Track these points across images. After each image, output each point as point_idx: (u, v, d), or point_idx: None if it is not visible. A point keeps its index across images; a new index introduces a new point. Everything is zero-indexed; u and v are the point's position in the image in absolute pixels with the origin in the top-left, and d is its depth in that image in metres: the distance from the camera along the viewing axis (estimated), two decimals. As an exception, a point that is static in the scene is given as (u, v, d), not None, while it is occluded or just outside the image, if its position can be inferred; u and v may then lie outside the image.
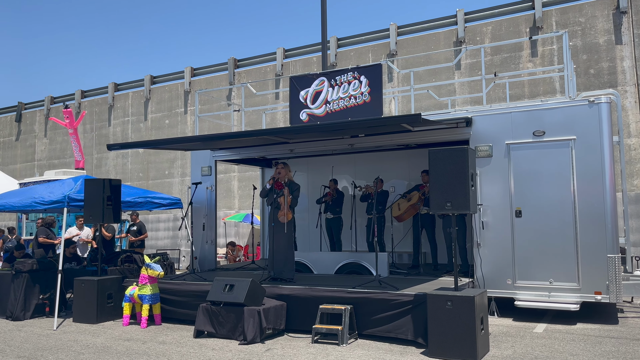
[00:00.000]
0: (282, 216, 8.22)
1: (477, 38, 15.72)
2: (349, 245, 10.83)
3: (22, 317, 8.80)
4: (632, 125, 13.57)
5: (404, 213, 9.79)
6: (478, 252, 8.21)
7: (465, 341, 5.83)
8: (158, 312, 8.20)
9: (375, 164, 11.14)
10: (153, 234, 19.77)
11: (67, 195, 9.09)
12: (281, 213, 8.22)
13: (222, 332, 7.09)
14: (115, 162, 21.97)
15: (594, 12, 14.25)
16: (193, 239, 10.57)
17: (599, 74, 14.01)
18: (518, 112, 8.17)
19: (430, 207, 6.54)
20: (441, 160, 6.34)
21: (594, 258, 7.52)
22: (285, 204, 8.19)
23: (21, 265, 9.02)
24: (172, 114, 20.74)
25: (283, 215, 8.21)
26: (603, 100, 7.69)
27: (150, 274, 8.04)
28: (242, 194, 18.69)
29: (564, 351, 6.15)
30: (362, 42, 17.72)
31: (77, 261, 10.69)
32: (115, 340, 7.24)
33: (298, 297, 7.40)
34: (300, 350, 6.47)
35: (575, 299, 7.59)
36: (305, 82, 9.71)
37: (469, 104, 15.00)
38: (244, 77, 19.34)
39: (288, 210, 8.24)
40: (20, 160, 24.95)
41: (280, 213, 8.22)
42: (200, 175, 10.74)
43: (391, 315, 6.78)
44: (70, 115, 19.03)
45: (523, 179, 8.05)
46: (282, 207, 8.20)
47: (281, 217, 8.22)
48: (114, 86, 22.59)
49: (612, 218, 7.53)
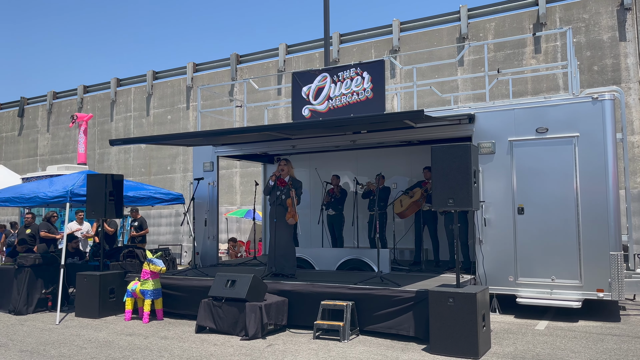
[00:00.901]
0: (290, 218, 8.25)
1: (480, 34, 15.66)
2: (351, 241, 10.84)
3: (24, 311, 8.83)
4: (635, 123, 13.52)
5: (406, 209, 9.78)
6: (480, 249, 8.20)
7: (467, 338, 5.83)
8: (160, 307, 8.22)
9: (378, 160, 11.12)
10: (155, 229, 19.80)
11: (70, 190, 9.10)
12: (289, 215, 8.25)
13: (223, 327, 7.10)
14: (118, 158, 21.99)
15: (598, 8, 14.18)
16: (195, 234, 10.58)
17: (602, 71, 13.95)
18: (521, 108, 8.14)
19: (433, 204, 6.53)
20: (444, 156, 6.32)
21: (596, 255, 7.51)
22: (293, 206, 8.21)
23: (24, 259, 9.05)
24: (174, 109, 20.74)
25: (291, 217, 8.25)
26: (606, 97, 7.66)
27: (152, 269, 8.05)
28: (244, 189, 18.70)
29: (566, 348, 6.15)
30: (365, 38, 17.67)
31: (79, 256, 10.72)
32: (117, 335, 7.26)
33: (300, 293, 7.41)
34: (301, 346, 6.47)
35: (577, 296, 7.58)
36: (308, 78, 9.69)
37: (472, 100, 14.96)
38: (246, 72, 19.32)
39: (295, 212, 8.28)
40: (23, 155, 24.99)
41: (288, 215, 8.25)
42: (202, 170, 10.74)
43: (393, 312, 6.79)
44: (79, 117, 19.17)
45: (526, 176, 8.03)
46: (290, 209, 8.23)
47: (289, 219, 8.26)
48: (117, 81, 22.58)
49: (615, 215, 7.51)
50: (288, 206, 8.23)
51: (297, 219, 8.31)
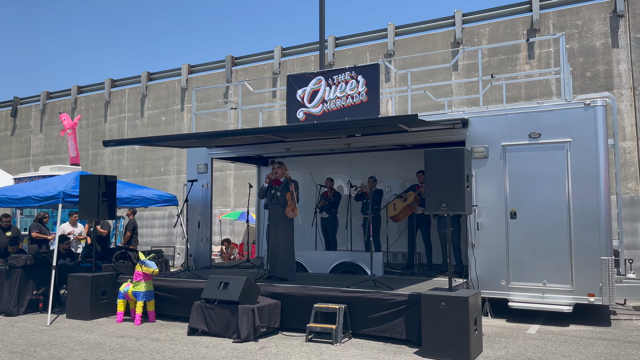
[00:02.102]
0: (290, 211, 8.06)
1: (474, 39, 15.75)
2: (344, 244, 10.85)
3: (15, 312, 8.77)
4: (627, 129, 13.63)
5: (399, 213, 9.81)
6: (472, 253, 8.23)
7: (459, 341, 5.85)
8: (152, 309, 8.19)
9: (372, 164, 11.15)
10: (148, 230, 19.72)
11: (62, 191, 9.06)
12: (288, 209, 8.05)
13: (215, 330, 7.09)
14: (111, 159, 21.91)
15: (591, 15, 14.30)
16: (188, 236, 10.56)
17: (595, 77, 14.06)
18: (514, 113, 8.20)
19: (426, 208, 6.56)
20: (437, 160, 6.35)
21: (588, 260, 7.56)
22: (293, 200, 8.01)
23: (15, 260, 8.99)
24: (168, 110, 20.69)
25: (291, 211, 8.05)
26: (599, 103, 7.73)
27: (145, 271, 8.02)
28: (238, 192, 18.67)
29: (557, 352, 6.18)
30: (360, 42, 17.71)
31: (71, 257, 10.66)
32: (108, 336, 7.23)
33: (293, 296, 7.41)
34: (294, 348, 6.47)
35: (568, 301, 7.63)
36: (303, 81, 9.71)
37: (466, 105, 15.03)
38: (241, 75, 19.31)
39: (295, 206, 8.07)
40: (16, 155, 24.84)
41: (288, 209, 8.05)
42: (196, 172, 10.72)
43: (385, 315, 6.80)
44: (67, 118, 19.02)
45: (518, 181, 8.08)
46: (290, 202, 8.03)
47: (289, 212, 8.06)
48: (111, 82, 22.51)
49: (606, 221, 7.57)
50: (287, 199, 8.05)
51: (297, 213, 8.09)
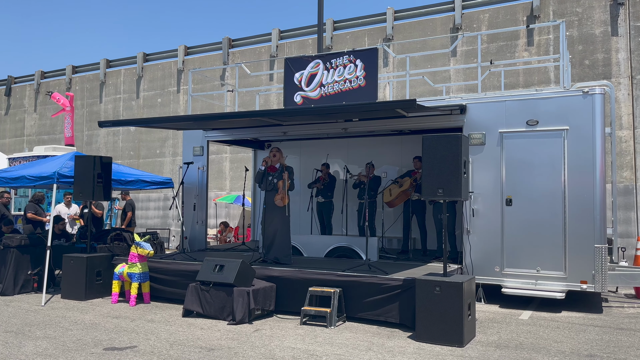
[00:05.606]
0: (278, 200, 8.11)
1: (474, 25, 15.64)
2: (340, 229, 10.87)
3: (10, 292, 8.78)
4: (624, 118, 13.64)
5: (395, 199, 9.82)
6: (467, 239, 8.27)
7: (453, 326, 5.89)
8: (147, 290, 8.21)
9: (369, 149, 11.13)
10: (143, 212, 19.70)
11: (57, 171, 9.00)
12: (278, 197, 8.10)
13: (210, 312, 7.12)
14: (106, 140, 21.77)
15: (592, 2, 14.21)
16: (183, 218, 10.55)
17: (593, 65, 14.02)
18: (512, 100, 8.17)
19: (422, 193, 6.56)
20: (434, 146, 6.34)
21: (582, 248, 7.61)
22: (284, 188, 8.07)
23: (9, 240, 8.96)
24: (164, 92, 20.53)
25: (280, 199, 8.11)
26: (597, 92, 7.70)
27: (140, 252, 8.02)
28: (234, 175, 18.63)
29: (549, 338, 6.24)
30: (359, 26, 17.56)
31: (66, 238, 10.65)
32: (103, 317, 7.24)
33: (288, 279, 7.43)
34: (288, 331, 6.51)
35: (561, 288, 7.69)
36: (301, 64, 9.63)
37: (464, 91, 14.97)
38: (238, 57, 19.15)
39: (286, 194, 8.13)
40: (10, 135, 24.65)
41: (277, 197, 8.11)
42: (192, 155, 10.67)
43: (380, 299, 6.84)
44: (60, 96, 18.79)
45: (515, 168, 8.08)
46: (280, 190, 8.09)
47: (277, 200, 8.12)
48: (106, 62, 22.27)
49: (601, 209, 7.60)
50: (278, 188, 8.14)
51: (286, 202, 8.13)
